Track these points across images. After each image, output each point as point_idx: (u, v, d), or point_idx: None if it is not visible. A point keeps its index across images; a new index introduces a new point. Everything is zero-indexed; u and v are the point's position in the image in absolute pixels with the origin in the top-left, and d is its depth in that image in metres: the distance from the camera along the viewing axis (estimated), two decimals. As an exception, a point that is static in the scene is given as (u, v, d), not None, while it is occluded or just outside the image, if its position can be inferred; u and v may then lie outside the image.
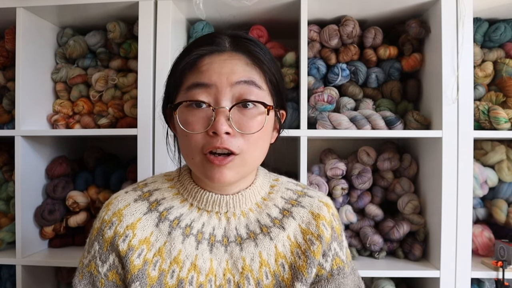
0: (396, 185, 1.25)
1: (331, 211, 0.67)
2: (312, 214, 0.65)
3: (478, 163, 1.23)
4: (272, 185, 0.70)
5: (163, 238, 0.61)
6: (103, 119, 1.30)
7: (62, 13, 1.27)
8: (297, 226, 0.64)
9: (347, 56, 1.24)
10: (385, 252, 1.22)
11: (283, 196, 0.68)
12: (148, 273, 0.58)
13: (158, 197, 0.64)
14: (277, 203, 0.66)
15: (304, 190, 0.70)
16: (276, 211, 0.65)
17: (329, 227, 0.64)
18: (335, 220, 0.67)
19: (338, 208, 1.24)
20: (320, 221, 0.64)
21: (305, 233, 0.64)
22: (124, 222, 0.61)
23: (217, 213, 0.64)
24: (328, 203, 0.68)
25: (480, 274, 1.11)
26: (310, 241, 0.63)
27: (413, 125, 1.17)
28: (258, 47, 0.60)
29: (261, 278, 0.61)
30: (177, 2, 1.19)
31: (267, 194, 0.68)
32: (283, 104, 0.65)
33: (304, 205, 0.66)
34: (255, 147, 0.58)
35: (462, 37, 1.09)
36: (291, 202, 0.67)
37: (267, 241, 0.62)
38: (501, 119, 1.12)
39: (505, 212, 1.20)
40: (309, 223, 0.64)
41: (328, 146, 1.41)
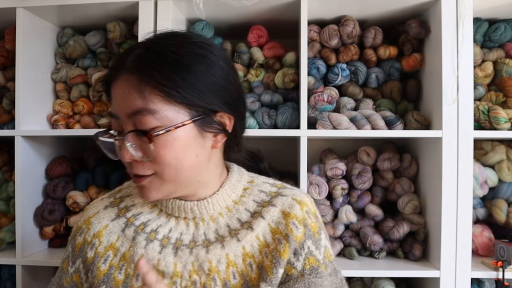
0: (396, 185, 1.25)
1: (305, 208, 0.64)
2: (282, 213, 0.63)
3: (478, 163, 1.23)
4: (245, 187, 0.67)
5: (127, 243, 0.63)
6: (103, 119, 1.30)
7: (62, 13, 1.27)
8: (266, 226, 0.62)
9: (347, 56, 1.24)
10: (385, 252, 1.22)
11: (255, 199, 0.66)
12: (114, 277, 0.61)
13: (128, 204, 0.67)
14: (248, 207, 0.65)
15: (280, 190, 0.67)
16: (247, 215, 0.64)
17: (300, 225, 0.62)
18: (310, 218, 0.64)
19: (338, 208, 1.24)
20: (290, 220, 0.62)
21: (274, 233, 0.62)
22: (91, 231, 0.64)
23: (185, 219, 0.64)
24: (302, 200, 0.65)
25: (480, 274, 1.11)
26: (278, 240, 0.61)
27: (413, 125, 1.17)
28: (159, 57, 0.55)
29: (228, 278, 0.60)
30: (177, 2, 1.19)
31: (239, 198, 0.66)
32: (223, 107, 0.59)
33: (275, 204, 0.64)
34: (171, 166, 0.55)
35: (462, 37, 1.09)
36: (263, 205, 0.65)
37: (234, 242, 0.61)
38: (501, 119, 1.12)
39: (505, 212, 1.20)
40: (279, 222, 0.62)
41: (328, 146, 1.41)
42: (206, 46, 0.59)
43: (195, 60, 0.56)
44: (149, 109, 0.53)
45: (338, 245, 1.24)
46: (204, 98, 0.56)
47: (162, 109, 0.54)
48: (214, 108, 0.58)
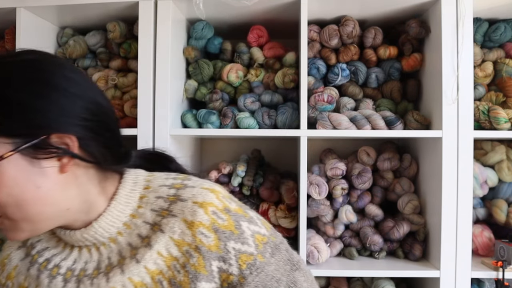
0: (396, 185, 1.25)
1: (210, 209, 0.56)
2: (185, 223, 0.55)
3: (478, 163, 1.23)
4: (142, 195, 0.60)
5: (34, 282, 0.60)
6: (103, 119, 1.30)
7: (62, 13, 1.27)
8: (168, 239, 0.55)
9: (347, 56, 1.24)
10: (385, 252, 1.22)
11: (153, 208, 0.58)
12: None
13: (34, 240, 0.63)
14: (147, 219, 0.57)
15: (179, 193, 0.58)
16: (147, 228, 0.57)
17: (211, 232, 0.54)
18: (220, 218, 0.56)
19: (338, 208, 1.24)
20: (196, 230, 0.54)
21: (180, 245, 0.55)
22: (5, 272, 0.63)
23: (87, 247, 0.59)
24: (205, 201, 0.56)
25: (480, 274, 1.11)
26: (188, 253, 0.54)
27: (413, 125, 1.17)
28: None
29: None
30: (177, 2, 1.19)
31: (135, 210, 0.59)
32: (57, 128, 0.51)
33: (175, 213, 0.56)
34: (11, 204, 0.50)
35: (462, 37, 1.09)
36: (162, 214, 0.57)
37: (133, 264, 0.55)
38: (501, 119, 1.12)
39: (505, 212, 1.20)
40: (183, 233, 0.55)
41: (328, 146, 1.41)
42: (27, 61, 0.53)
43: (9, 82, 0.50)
44: None
45: (338, 245, 1.24)
46: (29, 122, 0.49)
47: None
48: (45, 131, 0.50)
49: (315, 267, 1.15)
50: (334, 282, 1.24)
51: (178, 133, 1.20)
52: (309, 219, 1.25)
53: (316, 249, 1.14)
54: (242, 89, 1.30)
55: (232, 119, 1.22)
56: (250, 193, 1.28)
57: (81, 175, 0.55)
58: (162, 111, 1.16)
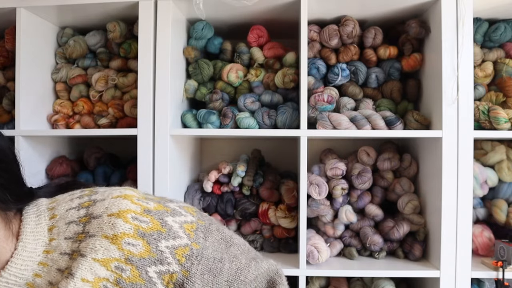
0: (396, 185, 1.25)
1: (129, 216, 0.52)
2: (107, 239, 0.51)
3: (478, 163, 1.23)
4: (51, 227, 0.54)
5: None
6: (103, 119, 1.30)
7: (62, 13, 1.27)
8: (91, 262, 0.51)
9: (347, 56, 1.24)
10: (385, 252, 1.22)
11: (67, 236, 0.53)
12: None
13: None
14: (63, 249, 0.53)
15: (90, 211, 0.54)
16: (66, 259, 0.52)
17: (137, 239, 0.52)
18: (142, 222, 0.53)
19: (338, 208, 1.24)
20: (121, 241, 0.51)
21: (107, 263, 0.51)
22: None
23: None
24: (121, 209, 0.53)
25: (480, 274, 1.11)
26: (119, 268, 0.51)
27: (413, 125, 1.17)
28: None
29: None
30: (177, 2, 1.19)
31: (48, 244, 0.53)
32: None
33: (93, 233, 0.52)
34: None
35: (462, 37, 1.09)
36: (78, 238, 0.52)
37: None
38: (501, 119, 1.12)
39: (505, 212, 1.20)
40: (107, 249, 0.51)
41: (328, 146, 1.41)
42: None
43: None
44: None
45: (338, 245, 1.24)
46: None
47: None
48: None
49: (315, 267, 1.15)
50: (334, 282, 1.24)
51: (178, 133, 1.20)
52: (309, 219, 1.25)
53: (316, 249, 1.14)
54: (242, 89, 1.30)
55: (232, 119, 1.22)
56: (250, 193, 1.28)
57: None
58: (162, 111, 1.16)
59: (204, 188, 1.28)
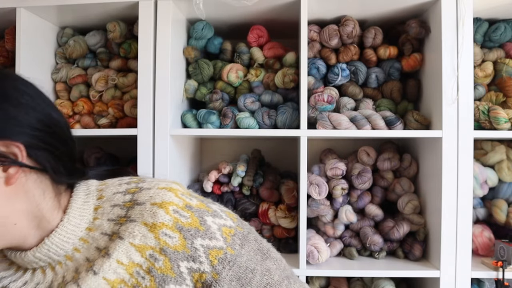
0: (396, 185, 1.25)
1: (171, 208, 0.54)
2: (146, 226, 0.53)
3: (478, 163, 1.23)
4: (96, 207, 0.57)
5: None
6: (103, 119, 1.30)
7: (62, 13, 1.27)
8: (128, 246, 0.52)
9: (347, 56, 1.24)
10: (385, 252, 1.22)
11: (110, 217, 0.55)
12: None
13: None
14: (105, 230, 0.55)
15: (135, 197, 0.56)
16: (105, 239, 0.54)
17: (175, 232, 0.53)
18: (182, 216, 0.54)
19: (338, 208, 1.24)
20: (159, 231, 0.52)
21: (142, 250, 0.52)
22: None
23: (42, 268, 0.55)
24: (164, 201, 0.54)
25: (480, 274, 1.11)
26: (153, 257, 0.52)
27: (413, 125, 1.17)
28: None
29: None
30: (177, 2, 1.19)
31: (91, 222, 0.56)
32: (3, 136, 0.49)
33: (134, 218, 0.54)
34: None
35: (462, 37, 1.09)
36: (120, 221, 0.54)
37: (91, 277, 0.52)
38: (501, 119, 1.12)
39: (505, 212, 1.20)
40: (144, 237, 0.53)
41: (328, 146, 1.41)
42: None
43: None
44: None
45: (338, 245, 1.24)
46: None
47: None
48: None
49: (315, 267, 1.15)
50: (334, 282, 1.24)
51: (178, 133, 1.20)
52: (309, 219, 1.25)
53: (316, 249, 1.14)
54: (242, 89, 1.30)
55: (232, 119, 1.22)
56: (250, 193, 1.28)
57: (30, 188, 0.52)
58: (162, 111, 1.16)
59: (204, 188, 1.28)
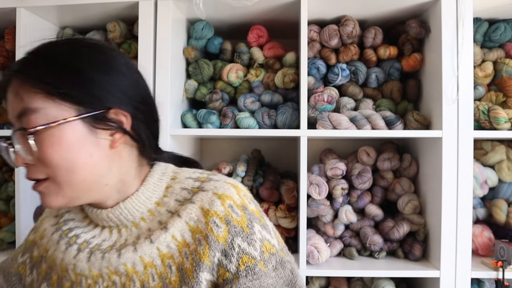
0: (396, 185, 1.25)
1: (227, 202, 0.57)
2: (202, 210, 0.57)
3: (478, 163, 1.23)
4: (168, 186, 0.63)
5: (53, 246, 0.64)
6: (103, 119, 1.30)
7: (62, 13, 1.27)
8: (184, 224, 0.57)
9: (347, 56, 1.24)
10: (385, 252, 1.22)
11: (177, 198, 0.61)
12: (51, 277, 0.64)
13: (64, 210, 0.69)
14: (170, 208, 0.60)
15: (202, 185, 0.61)
16: (168, 216, 0.59)
17: (222, 223, 0.55)
18: (234, 212, 0.57)
19: (338, 208, 1.24)
20: (210, 218, 0.56)
21: (194, 232, 0.56)
22: (38, 232, 0.70)
23: (110, 228, 0.61)
24: (225, 193, 0.58)
25: (480, 274, 1.11)
26: (198, 240, 0.56)
27: (413, 125, 1.17)
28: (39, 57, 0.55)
29: (147, 280, 0.57)
30: (177, 2, 1.19)
31: (161, 198, 0.61)
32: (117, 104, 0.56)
33: (194, 200, 0.58)
34: (62, 168, 0.53)
35: (462, 37, 1.09)
36: (183, 203, 0.59)
37: (147, 244, 0.57)
38: (501, 119, 1.12)
39: (505, 212, 1.21)
40: (198, 220, 0.56)
41: (328, 146, 1.41)
42: (93, 44, 0.59)
43: (79, 57, 0.55)
44: (30, 108, 0.52)
45: (338, 245, 1.24)
46: (93, 93, 0.54)
47: (44, 107, 0.52)
48: (106, 104, 0.55)
49: (315, 267, 1.15)
50: (334, 282, 1.24)
51: (178, 133, 1.20)
52: (309, 219, 1.25)
53: (316, 249, 1.14)
54: (242, 89, 1.30)
55: (232, 119, 1.22)
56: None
57: (125, 155, 0.59)
58: (162, 111, 1.15)
59: (204, 188, 1.28)
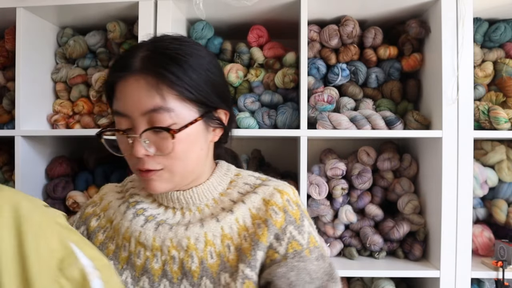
0: (396, 185, 1.25)
1: (285, 197, 0.66)
2: (263, 200, 0.65)
3: (478, 163, 1.23)
4: (231, 180, 0.71)
5: (120, 216, 0.69)
6: (103, 119, 1.30)
7: (62, 13, 1.27)
8: (247, 210, 0.65)
9: (347, 56, 1.24)
10: (385, 252, 1.22)
11: (240, 191, 0.69)
12: (107, 246, 0.68)
13: (129, 186, 0.75)
14: (233, 198, 0.68)
15: (264, 183, 0.70)
16: (231, 204, 0.67)
17: (280, 211, 0.64)
18: (290, 205, 0.65)
19: (338, 208, 1.24)
20: (270, 207, 0.64)
21: (254, 218, 0.64)
22: (101, 205, 0.73)
23: (174, 209, 0.67)
24: (284, 190, 0.67)
25: (480, 274, 1.11)
26: (257, 225, 0.64)
27: (413, 125, 1.17)
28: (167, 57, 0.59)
29: (205, 257, 0.62)
30: (177, 2, 1.19)
31: (225, 190, 0.69)
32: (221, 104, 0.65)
33: (257, 192, 0.67)
34: (181, 159, 0.60)
35: (462, 37, 1.09)
36: (246, 194, 0.68)
37: (213, 222, 0.64)
38: (501, 119, 1.12)
39: (505, 212, 1.20)
40: (259, 208, 0.65)
41: (328, 146, 1.41)
42: (200, 47, 0.65)
43: (197, 60, 0.61)
44: (165, 107, 0.57)
45: (338, 245, 1.24)
46: (209, 96, 0.62)
47: (176, 107, 0.58)
48: (215, 105, 0.64)
49: (315, 267, 1.14)
50: (334, 282, 1.24)
51: (178, 133, 1.20)
52: (309, 219, 1.25)
53: (316, 249, 1.14)
54: (242, 89, 1.30)
55: (232, 119, 1.22)
56: (250, 193, 1.27)
57: (211, 148, 0.69)
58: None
59: (204, 188, 1.28)
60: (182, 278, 0.62)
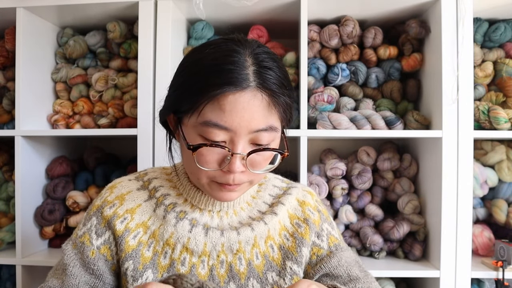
0: (396, 185, 1.25)
1: (314, 198, 0.74)
2: (298, 201, 0.71)
3: (478, 163, 1.23)
4: (261, 183, 0.74)
5: (158, 221, 0.65)
6: (103, 119, 1.30)
7: (62, 13, 1.27)
8: (285, 212, 0.69)
9: (347, 56, 1.24)
10: (385, 252, 1.22)
11: (270, 193, 0.72)
12: (142, 253, 0.64)
13: (156, 185, 0.70)
14: (265, 200, 0.71)
15: (289, 185, 0.75)
16: (266, 206, 0.70)
17: (315, 211, 0.71)
18: (320, 205, 0.73)
19: (338, 208, 1.24)
20: (306, 207, 0.70)
21: (292, 218, 0.69)
22: (124, 206, 0.66)
23: (210, 211, 0.67)
24: (311, 191, 0.75)
25: (480, 274, 1.11)
26: (297, 224, 0.69)
27: (413, 125, 1.17)
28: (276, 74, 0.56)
29: (252, 258, 0.65)
30: (177, 2, 1.19)
31: (256, 193, 0.72)
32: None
33: (290, 193, 0.72)
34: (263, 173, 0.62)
35: (462, 37, 1.09)
36: (278, 197, 0.72)
37: (262, 225, 0.66)
38: (501, 119, 1.12)
39: (505, 212, 1.21)
40: (295, 209, 0.70)
41: (328, 146, 1.41)
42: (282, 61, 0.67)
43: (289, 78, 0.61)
44: (274, 127, 0.57)
45: (338, 245, 1.24)
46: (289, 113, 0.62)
47: (278, 126, 0.59)
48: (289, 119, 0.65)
49: (315, 267, 1.15)
50: (334, 282, 1.24)
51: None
52: (309, 219, 1.25)
53: (316, 249, 1.14)
54: (242, 89, 1.30)
55: (232, 119, 1.22)
56: (250, 193, 1.28)
57: None
58: (162, 111, 1.16)
59: (204, 188, 1.28)
60: (229, 281, 0.64)
